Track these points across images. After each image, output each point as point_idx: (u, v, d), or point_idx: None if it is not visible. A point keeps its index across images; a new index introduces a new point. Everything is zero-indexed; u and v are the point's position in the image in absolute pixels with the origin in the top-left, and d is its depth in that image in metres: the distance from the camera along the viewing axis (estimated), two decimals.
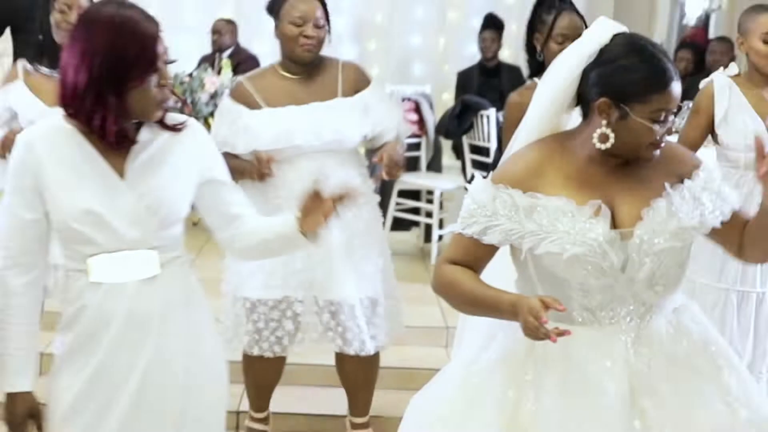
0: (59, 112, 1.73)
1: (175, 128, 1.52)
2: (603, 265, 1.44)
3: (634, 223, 1.46)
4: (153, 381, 1.53)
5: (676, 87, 1.39)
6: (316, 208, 1.50)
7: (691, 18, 8.98)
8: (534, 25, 2.49)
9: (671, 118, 1.42)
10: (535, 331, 1.29)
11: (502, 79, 5.28)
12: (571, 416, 1.46)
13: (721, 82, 2.66)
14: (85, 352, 1.54)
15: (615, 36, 1.40)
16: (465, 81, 5.40)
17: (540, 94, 1.57)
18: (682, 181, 1.47)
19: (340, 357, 2.62)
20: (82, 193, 1.48)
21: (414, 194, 4.54)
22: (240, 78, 2.66)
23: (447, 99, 5.66)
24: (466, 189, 1.74)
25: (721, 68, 2.77)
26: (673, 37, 8.02)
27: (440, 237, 4.41)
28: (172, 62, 1.53)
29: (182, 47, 5.24)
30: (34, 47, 2.69)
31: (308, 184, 1.71)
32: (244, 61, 4.90)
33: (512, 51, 5.61)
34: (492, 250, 1.50)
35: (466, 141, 4.77)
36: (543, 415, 1.47)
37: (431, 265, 4.22)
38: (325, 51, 2.53)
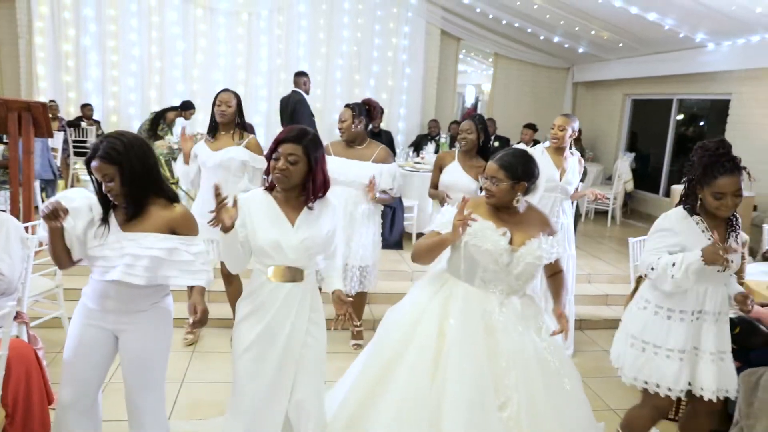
0: (217, 154, 3.52)
1: (320, 199, 2.25)
2: (499, 259, 2.23)
3: (520, 245, 2.26)
4: (293, 333, 2.23)
5: (489, 164, 2.28)
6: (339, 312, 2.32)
7: (468, 102, 14.48)
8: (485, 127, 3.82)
9: (493, 181, 2.26)
10: (461, 222, 2.12)
11: (382, 137, 7.48)
12: (465, 331, 2.25)
13: (537, 151, 3.88)
14: (259, 316, 2.23)
15: None
16: None
17: None
18: (546, 234, 2.32)
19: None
20: (270, 231, 2.17)
21: None
22: (330, 141, 3.94)
23: None
24: None
25: (544, 142, 4.06)
26: (459, 113, 12.90)
27: (419, 234, 6.01)
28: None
29: None
30: (209, 126, 3.84)
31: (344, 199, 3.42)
32: None
33: (385, 124, 9.07)
34: None
35: None
36: (453, 327, 2.26)
37: None
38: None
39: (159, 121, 7.29)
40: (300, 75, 7.06)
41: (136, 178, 2.06)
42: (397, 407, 2.20)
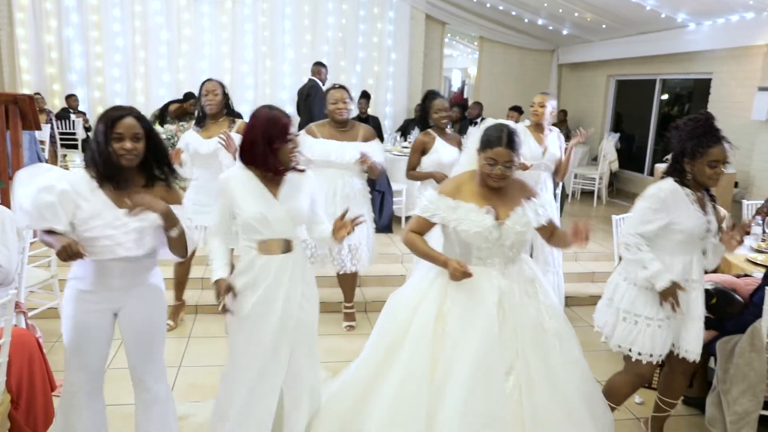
0: (209, 142, 3.58)
1: (302, 172, 2.37)
2: (489, 237, 2.28)
3: (505, 217, 2.29)
4: (287, 305, 2.32)
5: (500, 150, 2.22)
6: (341, 227, 2.33)
7: (455, 86, 14.54)
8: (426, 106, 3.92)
9: (507, 165, 2.24)
10: (458, 273, 2.19)
11: (369, 123, 7.31)
12: (466, 308, 2.29)
13: (519, 128, 3.33)
14: (253, 289, 2.32)
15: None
16: None
17: (466, 152, 2.52)
18: (529, 199, 2.34)
19: (344, 273, 4.07)
20: (256, 205, 2.26)
21: None
22: (312, 124, 4.00)
23: None
24: None
25: (525, 121, 4.22)
26: (446, 98, 12.95)
27: (407, 218, 6.23)
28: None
29: None
30: (198, 117, 3.91)
31: (334, 185, 3.57)
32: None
33: (372, 109, 9.04)
34: (432, 225, 2.39)
35: None
36: (453, 308, 2.32)
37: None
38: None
39: (164, 115, 7.32)
40: (317, 65, 7.35)
41: (156, 148, 2.17)
42: (397, 391, 2.24)
